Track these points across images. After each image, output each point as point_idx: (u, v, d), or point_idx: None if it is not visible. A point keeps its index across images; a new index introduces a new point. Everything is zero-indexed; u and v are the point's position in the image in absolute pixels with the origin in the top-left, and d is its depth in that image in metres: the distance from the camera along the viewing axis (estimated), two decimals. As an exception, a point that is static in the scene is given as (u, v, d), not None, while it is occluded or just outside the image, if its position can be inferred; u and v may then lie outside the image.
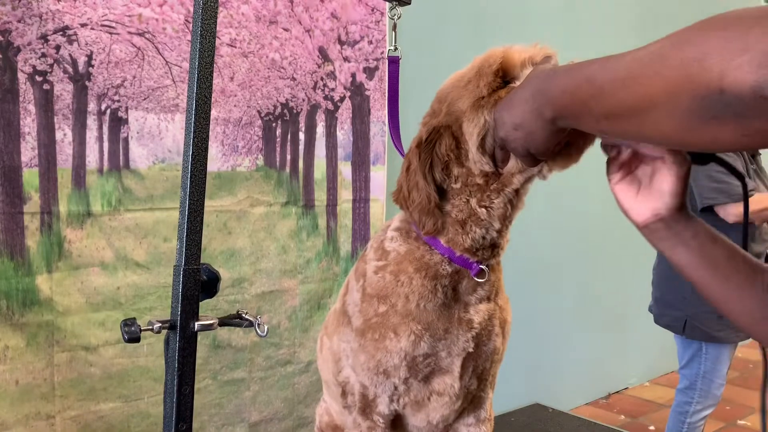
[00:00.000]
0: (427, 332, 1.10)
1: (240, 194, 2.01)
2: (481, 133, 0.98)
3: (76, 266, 1.71)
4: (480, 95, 0.97)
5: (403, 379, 1.13)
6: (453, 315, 1.12)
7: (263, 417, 2.12)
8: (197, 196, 1.03)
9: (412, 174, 1.05)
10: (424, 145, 1.03)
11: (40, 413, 1.68)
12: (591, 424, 2.42)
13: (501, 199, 1.05)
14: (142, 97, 1.80)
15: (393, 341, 1.10)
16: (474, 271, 1.10)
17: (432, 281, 1.10)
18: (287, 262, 2.12)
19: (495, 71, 0.97)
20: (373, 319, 1.12)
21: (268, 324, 2.08)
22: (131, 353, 1.81)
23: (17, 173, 1.61)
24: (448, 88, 1.04)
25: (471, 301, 1.13)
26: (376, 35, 2.25)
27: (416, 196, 1.05)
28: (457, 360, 1.13)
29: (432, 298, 1.10)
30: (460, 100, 1.00)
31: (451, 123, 1.02)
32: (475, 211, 1.05)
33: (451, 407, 1.18)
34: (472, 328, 1.13)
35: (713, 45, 0.53)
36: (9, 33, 1.57)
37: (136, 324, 1.01)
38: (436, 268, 1.10)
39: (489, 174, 1.02)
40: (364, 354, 1.13)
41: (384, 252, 1.15)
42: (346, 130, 2.23)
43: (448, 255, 1.09)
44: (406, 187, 1.06)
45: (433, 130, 1.03)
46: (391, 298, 1.11)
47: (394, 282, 1.11)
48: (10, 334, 1.62)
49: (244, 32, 1.95)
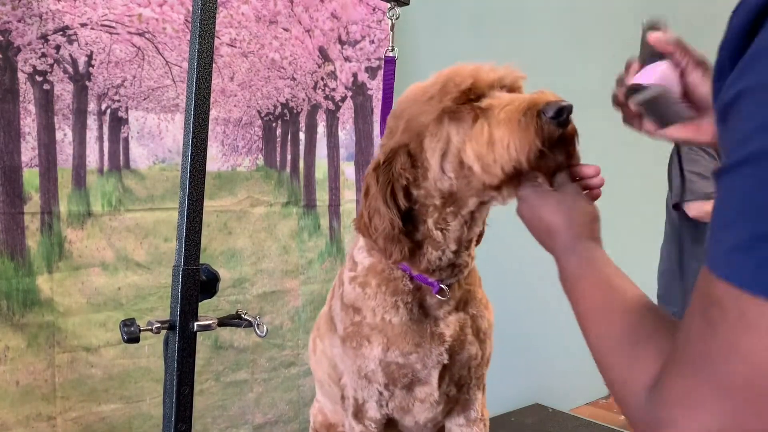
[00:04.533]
0: (393, 345, 1.10)
1: (240, 194, 2.01)
2: (443, 148, 0.94)
3: (76, 266, 1.71)
4: (443, 108, 0.94)
5: (383, 384, 1.13)
6: (425, 330, 1.11)
7: (267, 419, 2.12)
8: (196, 196, 1.03)
9: (371, 199, 0.99)
10: (383, 168, 0.98)
11: (41, 414, 1.68)
12: (591, 424, 2.42)
13: (457, 222, 1.02)
14: (142, 97, 1.80)
15: (368, 348, 1.11)
16: (435, 289, 1.09)
17: (392, 297, 1.09)
18: (289, 262, 2.12)
19: (464, 90, 0.93)
20: (350, 327, 1.13)
21: (271, 325, 2.08)
22: (133, 354, 1.81)
23: (17, 173, 1.61)
24: (406, 103, 1.00)
25: (440, 315, 1.13)
26: (378, 35, 2.25)
27: (378, 222, 0.98)
28: (434, 372, 1.14)
29: (395, 313, 1.09)
30: (421, 115, 0.96)
31: (409, 140, 0.97)
32: (431, 233, 1.02)
33: (433, 411, 1.20)
34: (444, 341, 1.13)
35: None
36: (9, 33, 1.57)
37: (135, 324, 1.01)
38: (396, 283, 1.09)
39: (446, 195, 0.99)
40: (348, 359, 1.15)
41: (354, 263, 1.15)
42: (348, 130, 2.22)
43: (408, 272, 1.09)
44: (367, 214, 1.00)
45: (390, 151, 0.98)
46: (362, 309, 1.12)
47: (363, 294, 1.11)
48: (10, 334, 1.62)
49: (244, 32, 1.95)
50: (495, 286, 1.30)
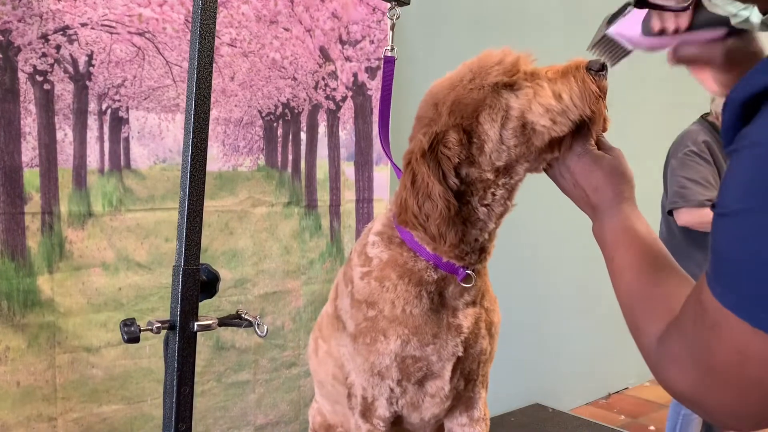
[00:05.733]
0: (414, 336, 1.10)
1: (241, 194, 2.00)
2: (503, 117, 0.97)
3: (77, 267, 1.71)
4: (497, 82, 0.98)
5: (396, 380, 1.13)
6: (442, 320, 1.11)
7: (269, 420, 2.12)
8: (196, 196, 1.03)
9: (420, 186, 0.98)
10: (429, 153, 0.98)
11: (41, 415, 1.67)
12: (591, 424, 2.42)
13: (504, 193, 1.04)
14: (142, 97, 1.80)
15: (383, 343, 1.10)
16: (461, 276, 1.09)
17: (416, 287, 1.09)
18: (290, 262, 2.12)
19: (512, 63, 0.99)
20: (362, 323, 1.13)
21: (272, 325, 2.08)
22: (133, 354, 1.81)
23: (18, 173, 1.61)
24: (442, 92, 1.02)
25: (459, 305, 1.13)
26: (377, 35, 2.25)
27: (430, 208, 0.98)
28: (447, 364, 1.14)
29: (417, 303, 1.09)
30: (470, 94, 0.99)
31: (461, 120, 0.99)
32: (475, 211, 1.04)
33: (441, 406, 1.20)
34: (462, 332, 1.13)
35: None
36: (9, 33, 1.57)
37: (135, 324, 1.01)
38: (420, 274, 1.09)
39: (500, 167, 1.01)
40: (360, 357, 1.14)
41: (367, 258, 1.14)
42: (348, 130, 2.22)
43: (434, 261, 1.08)
44: (415, 202, 0.99)
45: (434, 135, 0.99)
46: (378, 303, 1.11)
47: (380, 288, 1.11)
48: (11, 335, 1.62)
49: (245, 32, 1.95)
50: (496, 285, 1.30)
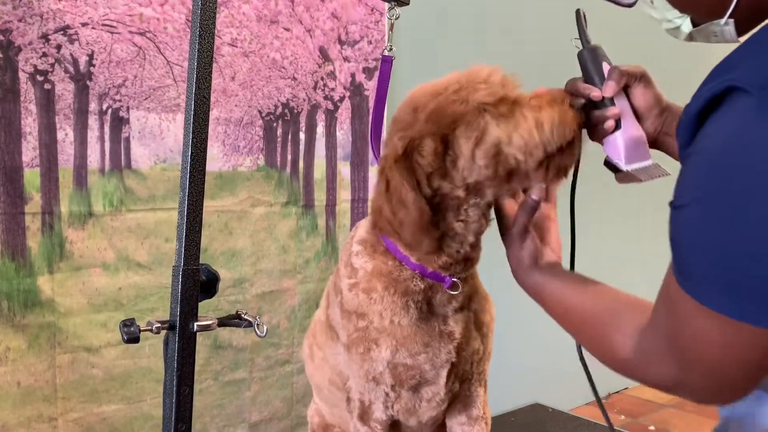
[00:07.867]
0: (403, 347, 1.09)
1: (241, 194, 2.01)
2: (478, 137, 0.95)
3: (77, 267, 1.72)
4: (481, 102, 0.95)
5: (390, 386, 1.13)
6: (433, 329, 1.11)
7: (263, 417, 2.12)
8: (196, 197, 1.03)
9: (394, 191, 0.95)
10: (403, 158, 0.96)
11: (42, 415, 1.68)
12: (591, 424, 2.42)
13: (476, 212, 1.03)
14: (143, 97, 1.80)
15: (376, 351, 1.10)
16: (447, 284, 1.08)
17: (402, 298, 1.08)
18: (287, 262, 2.12)
19: (498, 86, 0.98)
20: (354, 334, 1.12)
21: (268, 324, 2.08)
22: (134, 354, 1.81)
23: (18, 173, 1.61)
24: (425, 97, 0.99)
25: (448, 312, 1.12)
26: (375, 35, 2.25)
27: (404, 214, 0.94)
28: (442, 371, 1.14)
29: (405, 314, 1.08)
30: (452, 105, 0.96)
31: (438, 129, 0.96)
32: (451, 225, 1.02)
33: (438, 409, 1.20)
34: (454, 339, 1.12)
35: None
36: (10, 32, 1.57)
37: (135, 324, 1.01)
38: (406, 284, 1.08)
39: (471, 185, 0.99)
40: (355, 365, 1.14)
41: (353, 269, 1.12)
42: (345, 130, 2.22)
43: (420, 271, 1.07)
44: (389, 208, 0.96)
45: (410, 141, 0.96)
46: (368, 314, 1.10)
47: (368, 300, 1.10)
48: (11, 335, 1.62)
49: (245, 32, 1.95)
50: (495, 285, 1.30)
